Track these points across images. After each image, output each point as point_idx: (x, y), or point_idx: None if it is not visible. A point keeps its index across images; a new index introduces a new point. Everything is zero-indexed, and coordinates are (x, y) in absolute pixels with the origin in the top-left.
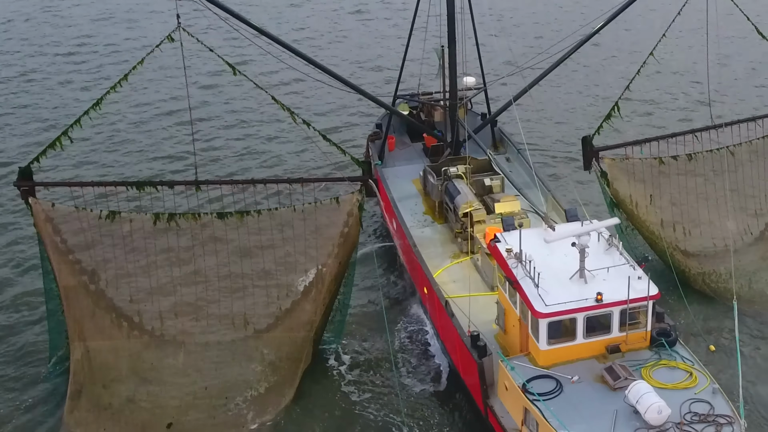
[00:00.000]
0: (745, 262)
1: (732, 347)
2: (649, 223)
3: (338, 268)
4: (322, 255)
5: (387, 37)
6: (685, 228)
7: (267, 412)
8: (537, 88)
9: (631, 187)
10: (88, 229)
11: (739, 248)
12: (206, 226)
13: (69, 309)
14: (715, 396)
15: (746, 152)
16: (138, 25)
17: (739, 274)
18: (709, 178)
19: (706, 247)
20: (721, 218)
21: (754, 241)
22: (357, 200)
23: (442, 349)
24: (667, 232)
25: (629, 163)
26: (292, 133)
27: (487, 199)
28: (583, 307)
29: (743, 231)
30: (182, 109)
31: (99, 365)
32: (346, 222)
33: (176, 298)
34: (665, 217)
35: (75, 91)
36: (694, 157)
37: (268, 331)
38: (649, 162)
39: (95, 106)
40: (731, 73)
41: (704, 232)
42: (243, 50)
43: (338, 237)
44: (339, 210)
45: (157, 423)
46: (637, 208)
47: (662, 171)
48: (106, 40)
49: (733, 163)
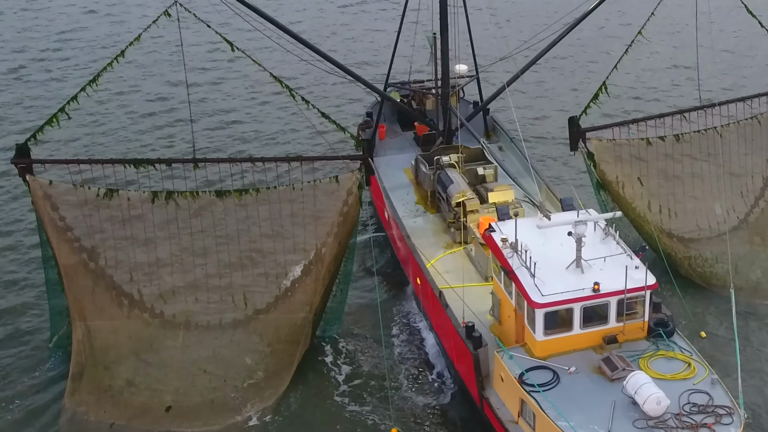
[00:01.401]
0: (731, 246)
1: (721, 335)
2: (635, 205)
3: (338, 248)
4: (322, 234)
5: (378, 27)
6: (671, 210)
7: (265, 397)
8: (532, 75)
9: (618, 168)
10: (86, 206)
11: (726, 232)
12: (205, 205)
13: (69, 288)
14: (714, 387)
15: (734, 133)
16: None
17: (725, 259)
18: (697, 160)
19: (692, 230)
20: (708, 200)
21: (739, 224)
22: (356, 179)
23: (435, 340)
24: (653, 215)
25: (616, 144)
26: (290, 114)
27: (480, 189)
28: (580, 297)
29: (729, 212)
30: (179, 86)
31: (100, 346)
32: (346, 201)
33: (175, 276)
34: (652, 199)
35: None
36: (682, 138)
37: (267, 312)
38: (637, 143)
39: (92, 82)
40: (721, 53)
41: (691, 215)
42: (242, 34)
43: (338, 216)
44: (338, 189)
45: (156, 406)
46: (623, 190)
47: (650, 152)
48: (109, 18)
49: (720, 144)
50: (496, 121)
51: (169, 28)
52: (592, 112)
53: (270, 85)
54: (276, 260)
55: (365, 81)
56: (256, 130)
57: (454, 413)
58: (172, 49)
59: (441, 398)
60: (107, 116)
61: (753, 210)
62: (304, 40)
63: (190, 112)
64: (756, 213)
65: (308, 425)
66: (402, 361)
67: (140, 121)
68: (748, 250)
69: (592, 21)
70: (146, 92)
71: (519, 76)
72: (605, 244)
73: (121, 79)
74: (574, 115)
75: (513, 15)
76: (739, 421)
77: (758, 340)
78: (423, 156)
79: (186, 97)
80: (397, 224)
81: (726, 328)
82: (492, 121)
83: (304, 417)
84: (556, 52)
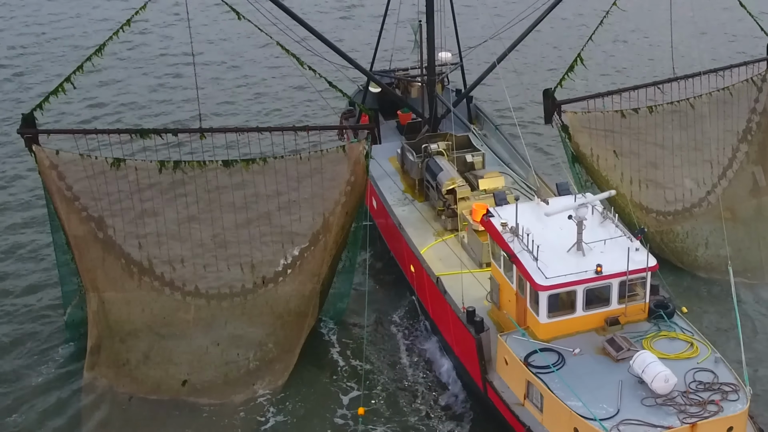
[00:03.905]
0: (701, 221)
1: (696, 311)
2: (609, 178)
3: (345, 218)
4: (329, 203)
5: (358, 20)
6: (642, 182)
7: (276, 371)
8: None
9: (593, 140)
10: (93, 176)
11: (696, 206)
12: (212, 174)
13: (81, 259)
14: (718, 365)
15: (706, 104)
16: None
17: (695, 234)
18: (669, 131)
19: (663, 203)
20: (679, 173)
21: (705, 195)
22: (364, 148)
23: (431, 327)
24: (626, 187)
25: (591, 117)
26: (294, 85)
27: (470, 176)
28: (583, 279)
29: (699, 184)
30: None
31: (115, 319)
32: (353, 171)
33: (183, 244)
34: (625, 171)
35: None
36: (655, 110)
37: (276, 280)
38: (611, 115)
39: (97, 52)
40: (696, 25)
41: (661, 188)
42: None
43: (345, 185)
44: (346, 158)
45: (172, 380)
46: (597, 162)
47: (623, 124)
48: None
49: (693, 115)
50: (479, 109)
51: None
52: (573, 88)
53: (277, 59)
54: (283, 229)
55: (357, 63)
56: (262, 103)
57: (452, 400)
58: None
59: (439, 383)
60: (113, 87)
61: (720, 181)
62: (298, 17)
63: (196, 82)
64: (723, 184)
65: (318, 402)
66: (402, 350)
67: (146, 94)
68: (719, 225)
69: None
70: (153, 64)
71: (507, 54)
72: (604, 227)
73: (128, 50)
74: (549, 87)
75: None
76: (746, 397)
77: (731, 317)
78: (409, 144)
79: (193, 70)
80: (388, 213)
81: (702, 304)
82: (476, 108)
83: (313, 394)
84: (542, 38)
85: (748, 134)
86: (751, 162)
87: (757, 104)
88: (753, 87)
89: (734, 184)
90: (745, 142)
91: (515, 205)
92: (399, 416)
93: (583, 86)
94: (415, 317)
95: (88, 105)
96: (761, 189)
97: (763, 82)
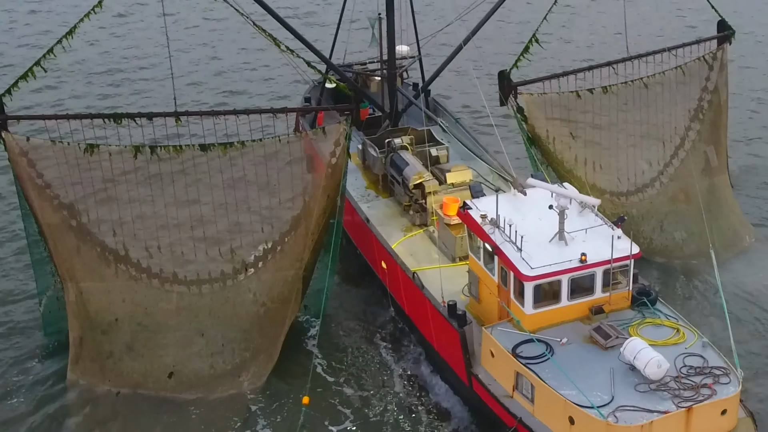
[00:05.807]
0: (656, 204)
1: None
2: (564, 160)
3: (326, 202)
4: (309, 186)
5: (312, 15)
6: (596, 164)
7: (260, 361)
8: (471, 52)
9: (548, 122)
10: (65, 162)
11: (648, 186)
12: (189, 158)
13: (55, 248)
14: (706, 349)
15: (659, 83)
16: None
17: (650, 216)
18: (623, 111)
19: (617, 184)
20: (632, 153)
21: (658, 175)
22: (344, 129)
23: (408, 324)
24: (580, 169)
25: (546, 98)
26: (272, 69)
27: (435, 170)
28: (569, 269)
29: (652, 164)
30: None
31: (95, 309)
32: (333, 152)
33: (160, 230)
34: (579, 152)
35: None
36: (609, 90)
37: (256, 265)
38: (567, 96)
39: (68, 35)
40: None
41: (615, 169)
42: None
43: (325, 168)
44: (325, 140)
45: (158, 372)
46: (553, 144)
47: (578, 106)
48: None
49: (647, 94)
50: (438, 103)
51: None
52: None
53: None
54: (262, 214)
55: (321, 54)
56: (239, 85)
57: (438, 398)
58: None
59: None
60: (82, 72)
61: (672, 160)
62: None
63: (171, 65)
64: (675, 164)
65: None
66: (372, 342)
67: (118, 77)
68: (674, 208)
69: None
70: (125, 46)
71: (471, 37)
72: (583, 216)
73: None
74: (504, 69)
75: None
76: (737, 380)
77: (683, 297)
78: (371, 140)
79: (167, 52)
80: (354, 209)
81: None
82: (434, 102)
83: (294, 389)
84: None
85: (700, 113)
86: (703, 141)
87: (709, 82)
88: (705, 65)
89: (686, 164)
90: (696, 120)
91: (495, 196)
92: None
93: (543, 67)
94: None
95: (60, 95)
96: (713, 169)
97: (713, 60)
